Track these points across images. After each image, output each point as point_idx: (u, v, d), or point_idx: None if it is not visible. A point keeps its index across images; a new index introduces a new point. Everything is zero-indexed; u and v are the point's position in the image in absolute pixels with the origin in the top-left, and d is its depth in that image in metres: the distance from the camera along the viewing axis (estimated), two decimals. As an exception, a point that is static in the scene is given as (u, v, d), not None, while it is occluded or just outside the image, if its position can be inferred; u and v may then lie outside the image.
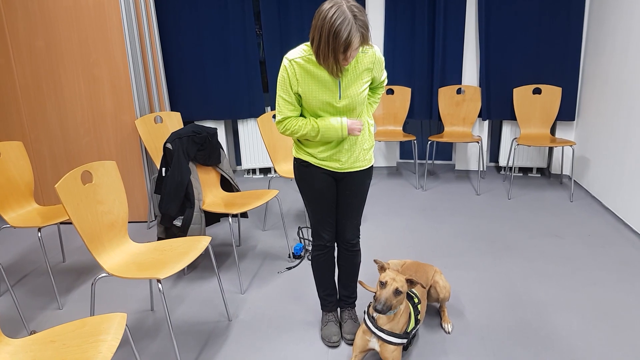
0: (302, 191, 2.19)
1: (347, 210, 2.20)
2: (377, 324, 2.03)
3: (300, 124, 1.97)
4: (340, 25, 1.69)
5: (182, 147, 2.84)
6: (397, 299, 1.95)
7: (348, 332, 2.31)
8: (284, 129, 2.00)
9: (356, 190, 2.17)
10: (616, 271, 2.87)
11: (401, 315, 2.04)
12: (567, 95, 4.39)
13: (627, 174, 3.49)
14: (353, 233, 2.25)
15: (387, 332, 2.01)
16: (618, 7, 3.69)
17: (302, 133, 1.98)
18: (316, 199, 2.15)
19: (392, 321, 2.02)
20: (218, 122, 4.92)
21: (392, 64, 4.68)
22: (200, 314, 2.61)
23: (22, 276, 3.12)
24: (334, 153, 2.06)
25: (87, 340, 1.60)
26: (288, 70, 1.90)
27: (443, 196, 4.24)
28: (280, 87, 1.96)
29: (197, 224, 2.86)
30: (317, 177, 2.11)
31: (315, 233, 2.23)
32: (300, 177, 2.16)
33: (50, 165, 3.84)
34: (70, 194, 2.04)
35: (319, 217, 2.19)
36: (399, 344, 2.02)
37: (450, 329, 2.36)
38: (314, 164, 2.09)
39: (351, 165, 2.11)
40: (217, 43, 4.60)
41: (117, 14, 3.46)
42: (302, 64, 1.90)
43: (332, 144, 2.05)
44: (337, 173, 2.13)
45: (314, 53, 1.82)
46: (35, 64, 3.60)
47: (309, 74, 1.91)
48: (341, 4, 1.73)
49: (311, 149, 2.08)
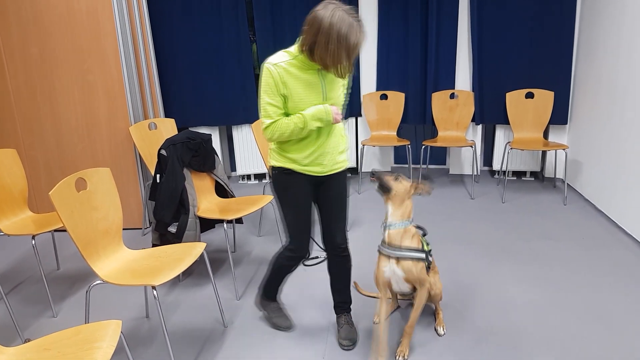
0: (283, 201, 2.19)
1: (333, 214, 2.23)
2: (392, 244, 2.10)
3: (287, 121, 1.99)
4: (349, 28, 1.79)
5: (177, 154, 2.84)
6: (396, 185, 2.07)
7: (344, 337, 2.31)
8: (271, 132, 2.01)
9: (339, 192, 2.22)
10: (610, 274, 2.89)
11: (413, 235, 2.11)
12: (559, 99, 4.43)
13: (620, 177, 3.52)
14: (342, 237, 2.27)
15: (405, 248, 2.08)
16: (609, 11, 3.73)
17: (290, 129, 1.98)
18: (299, 206, 2.17)
19: (404, 240, 2.09)
20: (212, 128, 4.92)
21: (385, 70, 4.70)
22: (195, 320, 2.60)
23: (16, 284, 3.10)
24: (316, 157, 2.09)
25: (82, 348, 1.59)
26: (273, 74, 1.93)
27: (437, 200, 4.26)
28: (266, 92, 1.97)
29: (192, 230, 2.86)
30: (300, 184, 2.13)
31: (299, 244, 2.23)
32: (282, 186, 2.16)
33: (44, 172, 3.83)
34: (64, 201, 2.04)
35: (302, 227, 2.20)
36: (418, 258, 2.08)
37: (443, 332, 2.37)
38: (298, 170, 2.11)
39: (332, 168, 2.16)
40: (210, 49, 4.61)
41: (111, 20, 3.46)
42: (286, 67, 1.94)
43: (314, 147, 2.08)
44: (318, 178, 2.16)
45: (318, 57, 1.86)
46: (28, 70, 3.60)
47: (294, 78, 1.95)
48: (338, 8, 1.81)
49: (295, 154, 2.09)
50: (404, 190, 2.08)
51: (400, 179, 2.10)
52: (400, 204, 2.09)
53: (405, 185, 2.09)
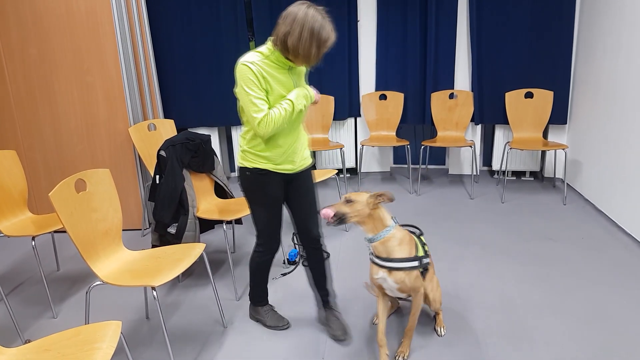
0: (254, 200, 2.27)
1: (306, 208, 2.35)
2: (380, 257, 2.04)
3: (276, 110, 2.05)
4: (322, 23, 1.95)
5: (176, 154, 2.85)
6: (351, 208, 2.01)
7: (337, 329, 2.39)
8: (266, 124, 2.03)
9: (309, 187, 2.35)
10: (609, 274, 2.89)
11: (401, 242, 2.03)
12: (558, 99, 4.43)
13: (619, 177, 3.52)
14: (317, 230, 2.38)
15: (394, 259, 2.01)
16: (608, 11, 3.73)
17: (283, 117, 2.05)
18: (273, 205, 2.26)
19: (393, 250, 2.02)
20: (212, 129, 4.93)
21: (384, 70, 4.70)
22: (195, 321, 2.60)
23: (17, 285, 3.10)
24: (288, 155, 2.20)
25: (82, 349, 1.59)
26: (254, 69, 2.01)
27: (437, 201, 4.26)
28: (251, 88, 2.02)
29: (192, 231, 2.86)
30: (274, 183, 2.23)
31: (268, 238, 2.33)
32: (256, 187, 2.23)
33: (44, 173, 3.83)
34: (64, 202, 2.04)
35: (275, 222, 2.31)
36: (409, 268, 2.01)
37: (443, 333, 2.37)
38: (272, 169, 2.19)
39: (300, 164, 2.27)
40: (210, 50, 4.62)
41: (110, 21, 3.47)
42: (262, 65, 2.04)
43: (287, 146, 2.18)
44: (289, 175, 2.26)
45: (291, 49, 1.97)
46: (28, 72, 3.60)
47: (269, 75, 2.05)
48: (312, 6, 1.97)
49: (269, 152, 2.16)
50: (361, 207, 2.01)
51: (352, 196, 2.02)
52: (368, 218, 2.03)
53: (361, 200, 2.01)
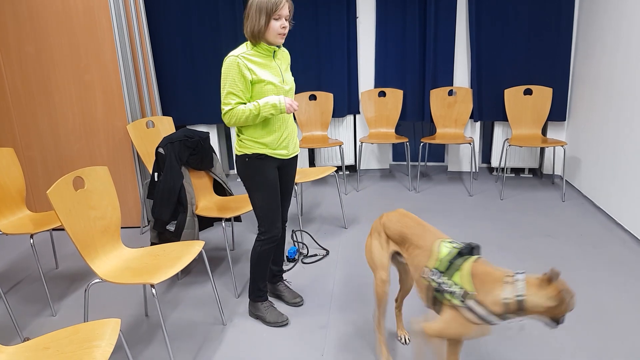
0: (254, 186, 2.33)
1: (286, 194, 2.53)
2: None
3: (243, 108, 2.17)
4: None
5: (175, 152, 2.84)
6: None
7: (293, 297, 2.66)
8: (229, 117, 2.18)
9: (292, 175, 2.50)
10: (608, 270, 2.90)
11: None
12: (557, 96, 4.43)
13: (618, 174, 3.52)
14: (286, 215, 2.60)
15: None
16: (607, 8, 3.73)
17: (246, 115, 2.16)
18: (271, 189, 2.33)
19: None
20: (210, 126, 4.92)
21: (383, 67, 4.69)
22: (194, 318, 2.60)
23: (15, 283, 3.10)
24: (283, 140, 2.31)
25: (81, 347, 1.59)
26: (239, 63, 2.14)
27: (436, 198, 4.26)
28: (230, 81, 2.15)
29: (191, 229, 2.85)
30: (271, 167, 2.32)
31: (271, 225, 2.37)
32: (255, 172, 2.30)
33: (42, 171, 3.82)
34: (62, 200, 2.04)
35: (275, 207, 2.36)
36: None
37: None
38: (269, 154, 2.28)
39: (292, 151, 2.40)
40: (208, 46, 4.60)
41: (107, 18, 3.45)
42: (248, 57, 2.17)
43: (281, 131, 2.29)
44: (283, 161, 2.37)
45: (249, 31, 2.16)
46: (25, 69, 3.59)
47: (256, 63, 2.18)
48: None
49: (266, 138, 2.26)
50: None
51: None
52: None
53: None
